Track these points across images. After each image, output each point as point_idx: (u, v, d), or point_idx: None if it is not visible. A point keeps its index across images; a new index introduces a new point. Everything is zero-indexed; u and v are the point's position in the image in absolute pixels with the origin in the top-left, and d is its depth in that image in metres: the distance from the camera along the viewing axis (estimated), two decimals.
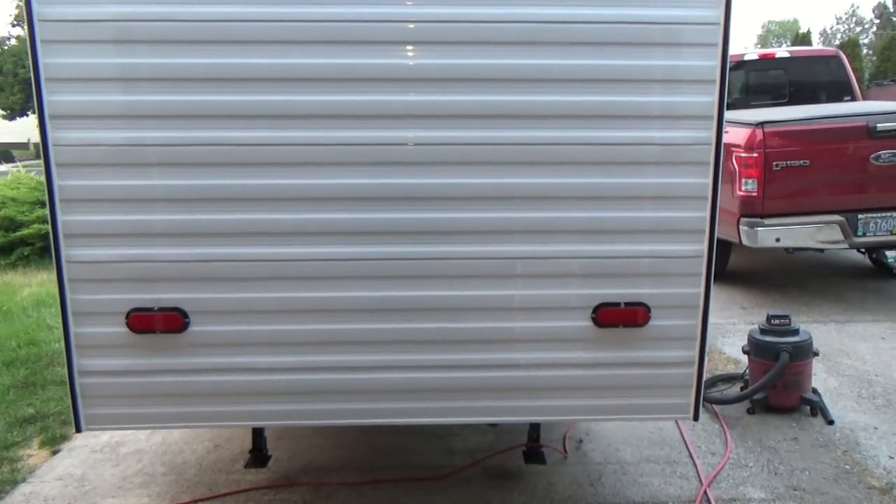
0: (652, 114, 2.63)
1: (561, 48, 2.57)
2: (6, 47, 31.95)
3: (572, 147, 2.63)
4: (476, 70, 2.58)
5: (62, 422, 4.06)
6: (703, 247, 2.72)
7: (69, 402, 2.75)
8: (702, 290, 2.75)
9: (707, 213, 2.69)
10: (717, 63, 2.58)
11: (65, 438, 3.89)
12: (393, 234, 2.67)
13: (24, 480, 3.48)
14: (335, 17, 2.53)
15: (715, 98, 2.60)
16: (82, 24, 2.50)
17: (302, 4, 2.52)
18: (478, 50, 2.57)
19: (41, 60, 2.51)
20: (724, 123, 2.64)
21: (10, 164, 22.72)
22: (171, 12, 2.51)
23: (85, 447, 3.78)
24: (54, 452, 3.77)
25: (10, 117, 33.21)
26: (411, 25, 2.56)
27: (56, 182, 2.58)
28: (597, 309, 2.74)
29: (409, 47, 2.58)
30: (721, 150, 2.65)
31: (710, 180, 2.66)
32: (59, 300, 2.66)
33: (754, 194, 6.07)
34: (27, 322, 6.04)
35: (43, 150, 2.57)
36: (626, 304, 2.75)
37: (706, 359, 2.86)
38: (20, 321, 6.08)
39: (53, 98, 2.54)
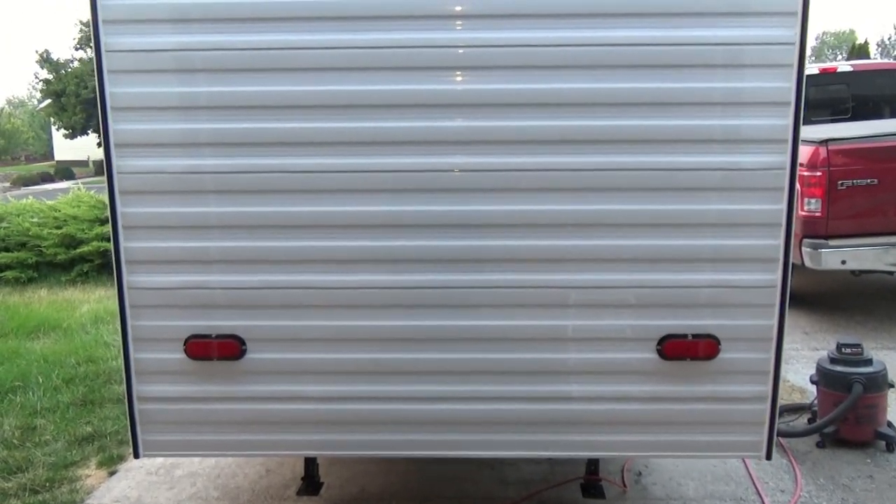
0: (726, 138, 2.53)
1: (634, 71, 2.50)
2: (70, 70, 33.30)
3: (644, 172, 2.55)
4: (534, 94, 2.52)
5: (119, 441, 4.10)
6: (777, 276, 2.59)
7: (128, 426, 2.76)
8: (775, 321, 2.61)
9: (781, 241, 2.56)
10: (793, 84, 2.46)
11: (121, 459, 3.92)
12: (450, 263, 2.62)
13: (82, 502, 3.51)
14: (390, 43, 2.51)
15: (790, 121, 2.49)
16: (147, 55, 2.54)
17: (355, 31, 2.51)
18: (537, 74, 2.51)
19: (108, 90, 2.55)
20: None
21: (71, 182, 23.60)
22: (230, 41, 2.53)
23: (141, 468, 3.80)
24: (111, 473, 3.80)
25: (72, 136, 34.55)
26: (460, 50, 2.52)
27: (119, 209, 2.61)
28: (663, 341, 2.63)
29: (460, 73, 2.54)
30: (796, 174, 2.53)
31: (784, 206, 2.54)
32: (120, 325, 2.69)
33: (818, 214, 5.83)
34: (85, 339, 6.17)
35: (107, 177, 2.60)
36: (694, 335, 2.63)
37: (779, 394, 2.71)
38: (79, 338, 6.22)
39: (119, 127, 2.57)
